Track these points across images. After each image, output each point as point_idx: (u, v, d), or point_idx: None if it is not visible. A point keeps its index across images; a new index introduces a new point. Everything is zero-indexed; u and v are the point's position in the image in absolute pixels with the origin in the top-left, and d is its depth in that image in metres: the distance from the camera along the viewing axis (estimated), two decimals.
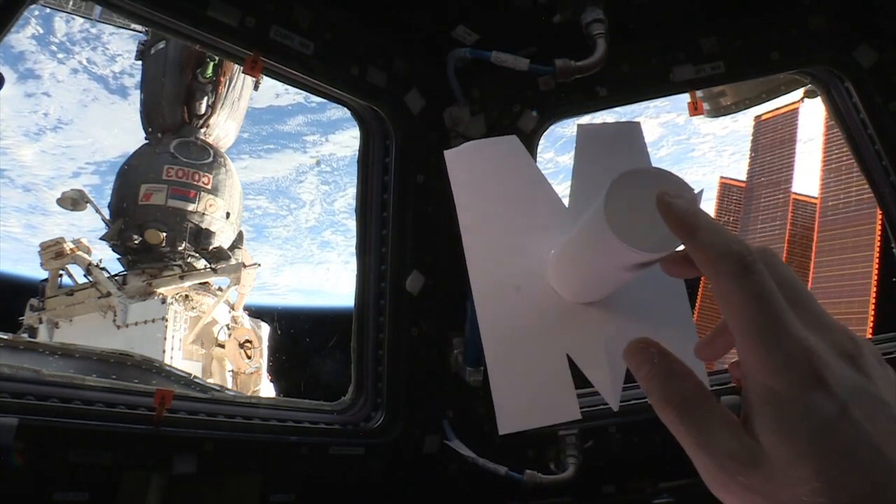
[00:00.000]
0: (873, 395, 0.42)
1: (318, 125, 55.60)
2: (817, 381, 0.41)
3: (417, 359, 2.23)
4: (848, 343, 0.44)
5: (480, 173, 0.60)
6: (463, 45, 1.98)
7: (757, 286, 0.43)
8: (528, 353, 0.56)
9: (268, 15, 1.80)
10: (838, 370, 0.42)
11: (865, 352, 0.44)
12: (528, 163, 0.60)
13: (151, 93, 11.06)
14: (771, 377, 0.42)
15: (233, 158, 11.68)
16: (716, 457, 0.44)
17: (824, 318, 0.45)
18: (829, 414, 0.40)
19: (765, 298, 0.43)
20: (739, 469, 0.43)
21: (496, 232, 0.58)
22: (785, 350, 0.41)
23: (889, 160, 2.14)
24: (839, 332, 0.44)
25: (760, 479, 0.42)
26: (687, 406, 0.45)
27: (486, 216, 0.59)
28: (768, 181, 16.34)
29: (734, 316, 0.43)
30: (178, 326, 9.54)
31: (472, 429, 2.27)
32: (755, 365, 0.43)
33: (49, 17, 38.55)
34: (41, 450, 1.70)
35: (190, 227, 10.51)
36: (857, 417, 0.40)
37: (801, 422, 0.40)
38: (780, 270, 0.46)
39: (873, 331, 12.00)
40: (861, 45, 2.04)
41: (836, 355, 0.43)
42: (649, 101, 2.25)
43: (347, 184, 57.09)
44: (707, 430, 0.44)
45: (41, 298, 10.08)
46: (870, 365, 0.44)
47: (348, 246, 2.54)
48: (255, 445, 2.04)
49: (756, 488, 0.42)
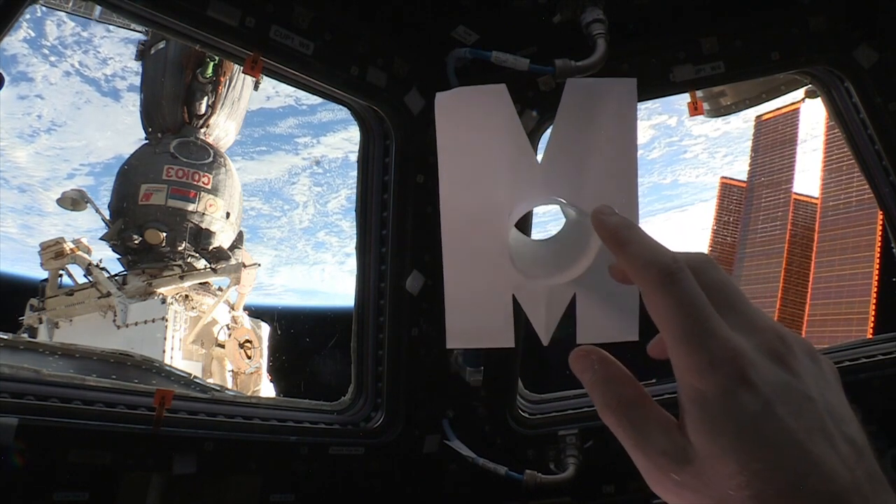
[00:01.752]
0: (799, 392, 0.43)
1: (309, 127, 55.78)
2: (742, 380, 0.42)
3: (417, 359, 2.23)
4: (776, 343, 0.45)
5: (465, 118, 0.62)
6: (463, 45, 1.98)
7: (680, 293, 0.45)
8: (479, 286, 0.63)
9: (268, 15, 1.80)
10: (764, 369, 0.43)
11: (796, 350, 0.46)
12: (511, 114, 0.61)
13: (151, 93, 11.06)
14: (697, 378, 0.44)
15: None
16: (651, 456, 0.46)
17: (755, 320, 0.47)
18: (753, 411, 0.42)
19: (688, 304, 0.45)
20: (672, 467, 0.44)
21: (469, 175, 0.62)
22: (709, 352, 0.43)
23: (889, 160, 2.14)
24: (768, 333, 0.46)
25: (691, 475, 0.44)
26: (624, 409, 0.48)
27: (463, 159, 0.62)
28: (769, 181, 16.34)
29: (661, 322, 0.46)
30: (178, 326, 9.54)
31: (472, 429, 2.27)
32: (683, 367, 0.44)
33: (40, 21, 38.65)
34: (41, 450, 1.70)
35: (190, 227, 10.51)
36: (781, 414, 0.42)
37: (726, 420, 0.42)
38: (712, 276, 0.48)
39: (874, 331, 12.00)
40: (861, 45, 2.04)
41: (762, 355, 0.44)
42: (640, 103, 2.25)
43: (340, 185, 57.27)
44: (643, 430, 0.46)
45: (41, 298, 10.08)
46: (799, 362, 0.45)
47: (343, 247, 2.54)
48: (255, 445, 2.04)
49: (688, 485, 0.44)
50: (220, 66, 10.61)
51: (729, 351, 0.43)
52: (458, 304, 0.64)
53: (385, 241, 2.19)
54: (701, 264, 0.48)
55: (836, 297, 13.44)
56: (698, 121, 2.93)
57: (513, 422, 2.33)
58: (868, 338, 3.69)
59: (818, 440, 0.42)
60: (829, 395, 0.45)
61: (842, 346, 2.45)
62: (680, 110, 56.99)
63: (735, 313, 0.46)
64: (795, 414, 0.42)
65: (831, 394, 0.46)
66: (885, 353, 2.31)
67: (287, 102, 50.81)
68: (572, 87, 0.61)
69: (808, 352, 0.47)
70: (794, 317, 14.54)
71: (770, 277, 15.18)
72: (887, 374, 2.25)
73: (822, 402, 0.44)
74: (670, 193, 73.03)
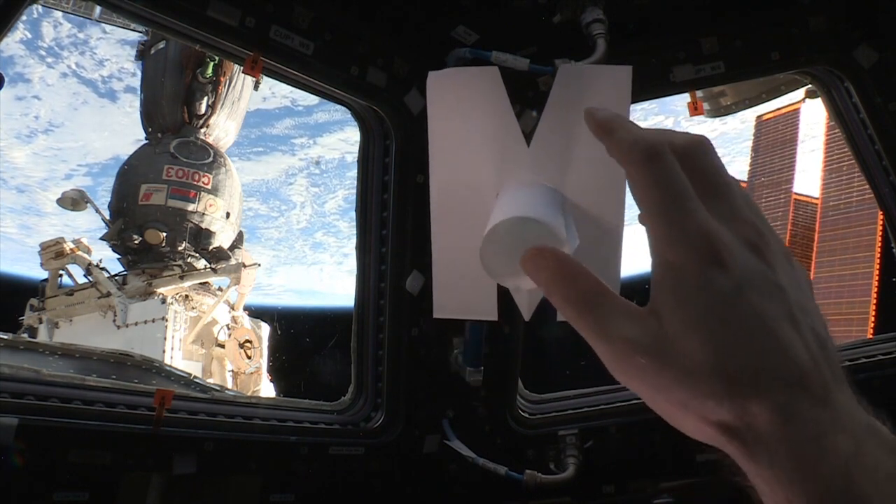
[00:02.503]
0: (772, 281, 0.44)
1: (305, 128, 55.96)
2: (715, 260, 0.43)
3: (417, 359, 2.23)
4: (754, 235, 0.46)
5: (456, 98, 0.62)
6: (463, 45, 1.98)
7: (659, 171, 0.45)
8: (465, 261, 0.63)
9: (268, 15, 1.80)
10: (738, 255, 0.44)
11: (773, 246, 0.46)
12: (502, 96, 0.62)
13: (151, 93, 11.06)
14: (670, 250, 0.44)
15: None
16: (614, 342, 0.45)
17: (737, 211, 0.47)
18: (724, 290, 0.42)
19: (666, 183, 0.45)
20: (636, 350, 0.44)
21: (458, 154, 0.63)
22: (685, 229, 0.43)
23: (889, 160, 2.14)
24: (748, 225, 0.46)
25: (654, 355, 0.43)
26: (586, 301, 0.46)
27: (453, 138, 0.63)
28: (769, 181, 16.34)
29: (641, 200, 0.46)
30: (178, 326, 9.54)
31: (472, 429, 2.27)
32: (658, 241, 0.45)
33: (37, 22, 38.84)
34: (41, 450, 1.70)
35: (190, 227, 10.51)
36: (752, 297, 0.42)
37: (698, 293, 0.42)
38: (701, 161, 0.48)
39: (874, 331, 12.00)
40: (861, 45, 2.04)
41: (739, 243, 0.44)
42: (637, 104, 2.25)
43: (337, 186, 57.63)
44: (606, 319, 0.45)
45: (41, 298, 10.09)
46: (774, 257, 0.45)
47: (340, 247, 2.53)
48: (255, 445, 2.04)
49: (651, 367, 0.43)
50: (220, 66, 10.61)
51: (704, 231, 0.43)
52: (445, 276, 0.66)
53: (385, 241, 2.19)
54: (692, 148, 0.48)
55: (836, 297, 13.44)
56: (695, 122, 2.91)
57: (513, 422, 2.33)
58: (868, 338, 3.69)
59: (785, 325, 0.42)
60: (799, 291, 0.45)
61: (842, 346, 2.45)
62: (677, 111, 57.08)
63: (718, 201, 0.46)
64: (766, 299, 0.43)
65: (802, 292, 0.46)
66: (885, 353, 2.31)
67: (283, 104, 50.99)
68: (565, 73, 0.61)
69: (784, 252, 0.48)
70: None
71: None
72: (887, 374, 2.25)
73: (792, 294, 0.44)
74: None
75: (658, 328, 0.44)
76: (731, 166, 32.47)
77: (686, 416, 0.44)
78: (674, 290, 0.44)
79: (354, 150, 8.17)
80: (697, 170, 0.47)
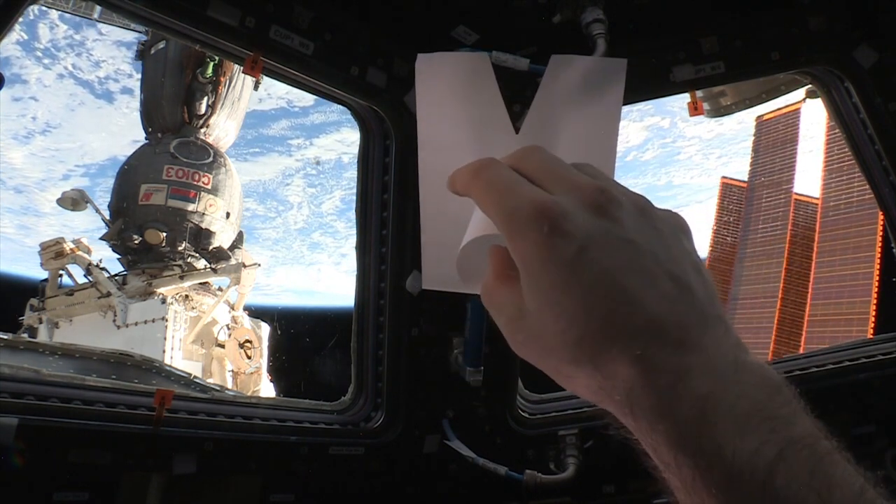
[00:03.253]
0: (616, 236, 0.45)
1: (301, 129, 56.07)
2: (554, 230, 0.44)
3: (417, 359, 2.23)
4: (596, 195, 0.46)
5: (445, 82, 0.63)
6: (463, 45, 1.98)
7: (487, 176, 0.49)
8: (452, 237, 0.66)
9: (268, 15, 1.80)
10: (578, 218, 0.45)
11: (621, 201, 0.47)
12: (491, 82, 0.63)
13: (151, 93, 11.07)
14: (510, 241, 0.46)
15: None
16: (501, 322, 0.49)
17: (577, 180, 0.48)
18: (567, 258, 0.43)
19: (494, 182, 0.48)
20: (514, 327, 0.48)
21: (446, 137, 0.64)
22: (515, 214, 0.45)
23: (889, 160, 2.14)
24: (588, 189, 0.47)
25: (526, 332, 0.46)
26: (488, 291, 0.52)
27: (441, 121, 0.64)
28: (770, 181, 16.33)
29: (482, 206, 0.49)
30: (178, 326, 9.54)
31: (472, 429, 2.27)
32: (507, 238, 0.47)
33: (33, 24, 38.85)
34: (41, 450, 1.70)
35: (190, 227, 10.52)
36: (596, 256, 0.43)
37: (542, 272, 0.44)
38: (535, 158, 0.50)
39: (874, 331, 12.00)
40: (861, 45, 2.04)
41: (581, 208, 0.46)
42: (632, 105, 2.25)
43: (334, 186, 57.59)
44: (499, 305, 0.50)
45: (41, 298, 10.09)
46: (623, 212, 0.46)
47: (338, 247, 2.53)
48: (255, 445, 2.04)
49: (530, 341, 0.46)
50: (220, 66, 10.62)
51: (536, 208, 0.44)
52: (432, 259, 0.68)
53: (385, 241, 2.18)
54: (523, 153, 0.51)
55: (836, 297, 13.44)
56: (691, 122, 2.95)
57: (513, 422, 2.33)
58: (868, 338, 3.69)
59: (633, 278, 0.43)
60: (657, 241, 0.46)
61: (842, 346, 2.44)
62: (672, 112, 57.14)
63: (555, 180, 0.48)
64: (610, 255, 0.43)
65: (661, 240, 0.46)
66: (885, 353, 2.30)
67: (279, 105, 51.16)
68: (556, 64, 0.61)
69: (637, 206, 0.48)
70: (795, 317, 14.54)
71: (771, 277, 15.17)
72: (887, 374, 2.25)
73: (646, 244, 0.45)
74: (665, 195, 73.06)
75: (522, 306, 0.46)
76: (728, 167, 31.85)
77: (568, 382, 0.46)
78: (525, 277, 0.45)
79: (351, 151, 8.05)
80: (531, 168, 0.49)
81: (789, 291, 14.79)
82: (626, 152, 22.77)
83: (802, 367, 2.32)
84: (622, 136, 5.50)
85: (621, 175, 16.92)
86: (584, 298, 0.42)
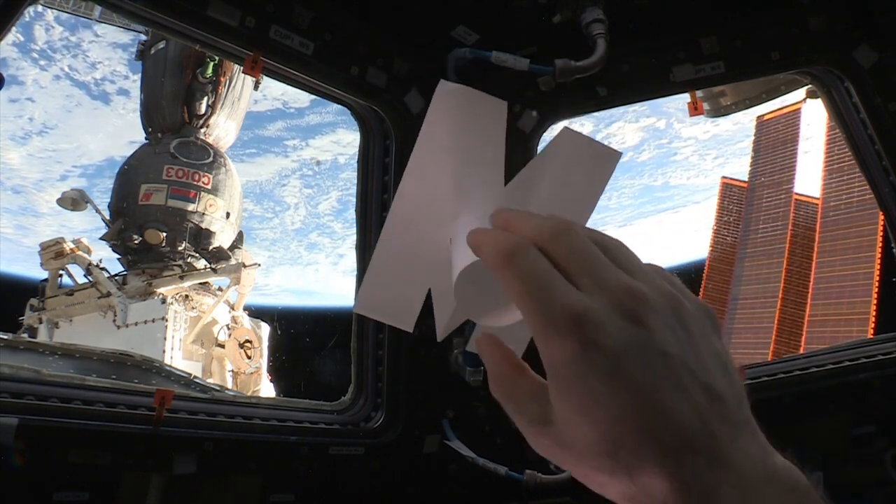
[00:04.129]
0: (651, 348, 0.44)
1: (297, 130, 56.29)
2: (590, 343, 0.43)
3: (417, 359, 2.23)
4: (627, 300, 0.45)
5: (458, 116, 0.61)
6: (463, 45, 1.98)
7: (521, 266, 0.46)
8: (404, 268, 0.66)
9: (268, 15, 1.80)
10: (613, 328, 0.44)
11: (653, 303, 0.46)
12: (501, 131, 0.62)
13: (151, 93, 11.07)
14: (545, 347, 0.45)
15: None
16: (523, 423, 0.49)
17: (608, 280, 0.47)
18: (603, 372, 0.43)
19: (527, 277, 0.46)
20: (540, 430, 0.47)
21: (438, 167, 0.63)
22: (552, 320, 0.44)
23: (889, 160, 2.14)
24: (619, 292, 0.46)
25: (554, 437, 0.46)
26: (503, 383, 0.52)
27: (439, 151, 0.62)
28: (770, 181, 16.33)
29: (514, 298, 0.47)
30: (178, 326, 9.54)
31: (472, 429, 2.27)
32: (536, 338, 0.46)
33: (29, 25, 38.96)
34: (41, 450, 1.70)
35: (190, 227, 10.52)
36: (631, 370, 0.43)
37: (577, 383, 0.43)
38: (568, 244, 0.48)
39: (874, 331, 11.99)
40: (861, 45, 2.04)
41: (614, 314, 0.44)
42: (628, 106, 2.25)
43: (330, 187, 57.74)
44: (517, 400, 0.50)
45: (41, 298, 10.09)
46: (656, 317, 0.45)
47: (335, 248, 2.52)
48: (255, 445, 2.04)
49: (556, 447, 0.46)
50: (220, 66, 10.62)
51: (573, 317, 0.43)
52: (378, 276, 0.67)
53: None
54: (556, 234, 0.48)
55: (836, 297, 13.44)
56: (687, 123, 2.95)
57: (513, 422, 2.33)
58: (868, 338, 3.69)
59: (668, 391, 0.42)
60: (688, 347, 0.45)
61: (842, 346, 2.44)
62: (668, 113, 57.15)
63: (588, 276, 0.47)
64: (646, 369, 0.43)
65: (693, 345, 0.46)
66: (885, 353, 2.30)
67: (275, 106, 51.25)
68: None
69: (670, 304, 0.47)
70: (795, 317, 14.54)
71: (771, 277, 15.17)
72: (887, 374, 2.25)
73: (678, 355, 0.44)
74: (662, 195, 72.89)
75: (552, 413, 0.46)
76: (725, 168, 31.73)
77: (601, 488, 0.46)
78: (557, 384, 0.45)
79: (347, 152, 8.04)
80: (563, 254, 0.48)
81: (789, 291, 14.78)
82: (624, 153, 23.51)
83: (802, 367, 2.32)
84: (621, 136, 5.32)
85: (622, 174, 16.51)
86: (619, 412, 0.42)
